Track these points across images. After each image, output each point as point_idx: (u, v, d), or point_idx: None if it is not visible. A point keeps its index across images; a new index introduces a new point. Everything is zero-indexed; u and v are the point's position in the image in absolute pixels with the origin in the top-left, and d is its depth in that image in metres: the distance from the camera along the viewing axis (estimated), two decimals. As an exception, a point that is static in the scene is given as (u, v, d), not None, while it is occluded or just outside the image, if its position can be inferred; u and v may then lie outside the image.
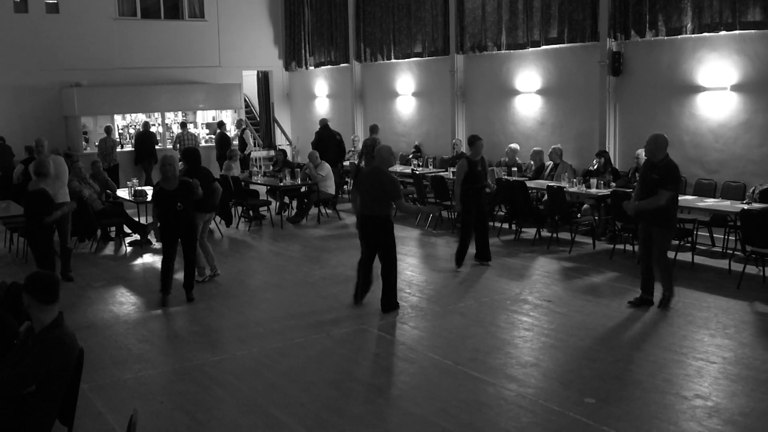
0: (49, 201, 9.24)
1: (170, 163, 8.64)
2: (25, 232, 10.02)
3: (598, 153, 12.18)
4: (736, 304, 8.20)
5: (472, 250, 10.24)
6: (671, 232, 8.14)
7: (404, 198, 7.91)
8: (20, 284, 4.47)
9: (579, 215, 11.64)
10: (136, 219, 12.63)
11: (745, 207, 9.31)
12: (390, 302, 8.21)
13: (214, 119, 20.87)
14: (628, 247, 10.71)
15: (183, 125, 18.85)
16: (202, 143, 19.49)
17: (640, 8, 12.08)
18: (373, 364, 6.78)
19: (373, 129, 15.51)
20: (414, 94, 17.54)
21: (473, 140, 10.09)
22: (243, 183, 14.21)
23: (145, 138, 18.18)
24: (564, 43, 13.50)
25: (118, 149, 18.11)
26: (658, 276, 8.09)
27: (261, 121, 23.38)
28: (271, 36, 22.09)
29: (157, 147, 18.37)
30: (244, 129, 19.19)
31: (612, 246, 10.76)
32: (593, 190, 11.26)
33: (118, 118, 19.50)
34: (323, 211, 14.39)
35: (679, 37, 11.70)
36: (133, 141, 18.84)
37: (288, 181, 13.98)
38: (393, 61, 17.79)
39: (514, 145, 13.96)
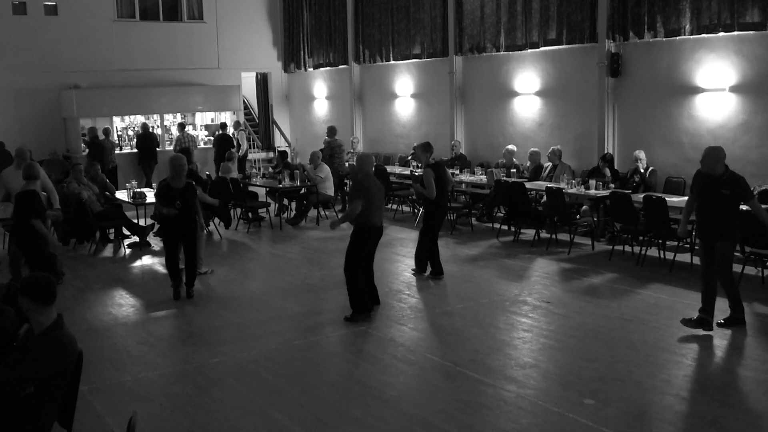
0: (38, 202, 8.89)
1: (183, 163, 8.98)
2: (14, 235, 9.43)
3: (602, 157, 12.13)
4: (735, 304, 8.19)
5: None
6: (735, 243, 7.69)
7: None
8: (17, 285, 4.46)
9: (578, 216, 11.65)
10: (135, 221, 12.63)
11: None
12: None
13: (213, 121, 20.87)
14: (627, 249, 10.71)
15: (181, 127, 18.84)
16: (201, 145, 19.50)
17: (639, 10, 12.09)
18: (372, 365, 6.78)
19: (331, 131, 15.73)
20: (413, 96, 17.55)
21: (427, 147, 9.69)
22: (242, 185, 14.22)
23: (145, 139, 18.19)
24: (563, 44, 13.51)
25: (117, 151, 18.13)
26: (725, 293, 7.45)
27: (260, 123, 23.38)
28: (270, 38, 22.09)
29: (158, 149, 18.37)
30: (242, 130, 19.22)
31: (611, 247, 10.76)
32: (592, 191, 11.26)
33: (117, 120, 19.51)
34: (322, 212, 14.39)
35: (677, 38, 11.71)
36: (134, 142, 18.89)
37: (287, 182, 13.98)
38: (392, 62, 17.80)
39: (511, 147, 13.97)
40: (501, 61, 14.96)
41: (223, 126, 19.00)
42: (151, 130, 18.83)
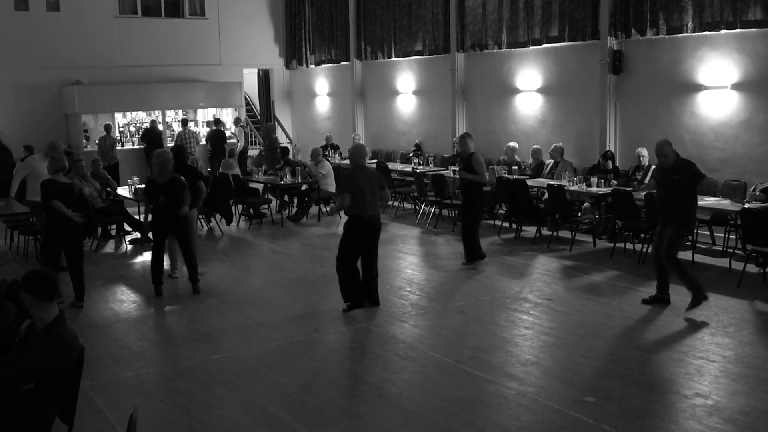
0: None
1: (168, 158, 8.97)
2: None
3: (604, 155, 12.12)
4: (737, 302, 8.20)
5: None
6: (686, 230, 8.24)
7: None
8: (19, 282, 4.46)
9: (579, 214, 11.64)
10: (137, 217, 12.63)
11: (746, 206, 9.31)
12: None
13: (214, 117, 20.90)
14: (629, 246, 10.71)
15: (184, 123, 18.88)
16: (203, 141, 19.51)
17: (641, 7, 12.06)
18: (373, 362, 6.78)
19: (270, 129, 16.29)
20: (414, 93, 17.53)
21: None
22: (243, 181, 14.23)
23: (152, 135, 18.20)
24: (565, 41, 13.49)
25: (119, 147, 18.14)
26: (676, 277, 7.97)
27: (262, 120, 23.37)
28: (271, 34, 22.07)
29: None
30: (241, 126, 19.22)
31: (612, 245, 10.76)
32: (594, 189, 11.25)
33: (118, 116, 19.52)
34: (323, 209, 14.39)
35: (679, 35, 11.69)
36: (136, 139, 18.91)
37: (288, 179, 13.98)
38: (393, 59, 17.77)
39: (513, 144, 13.95)
40: (503, 58, 14.94)
41: (217, 122, 18.98)
42: (157, 126, 18.85)
